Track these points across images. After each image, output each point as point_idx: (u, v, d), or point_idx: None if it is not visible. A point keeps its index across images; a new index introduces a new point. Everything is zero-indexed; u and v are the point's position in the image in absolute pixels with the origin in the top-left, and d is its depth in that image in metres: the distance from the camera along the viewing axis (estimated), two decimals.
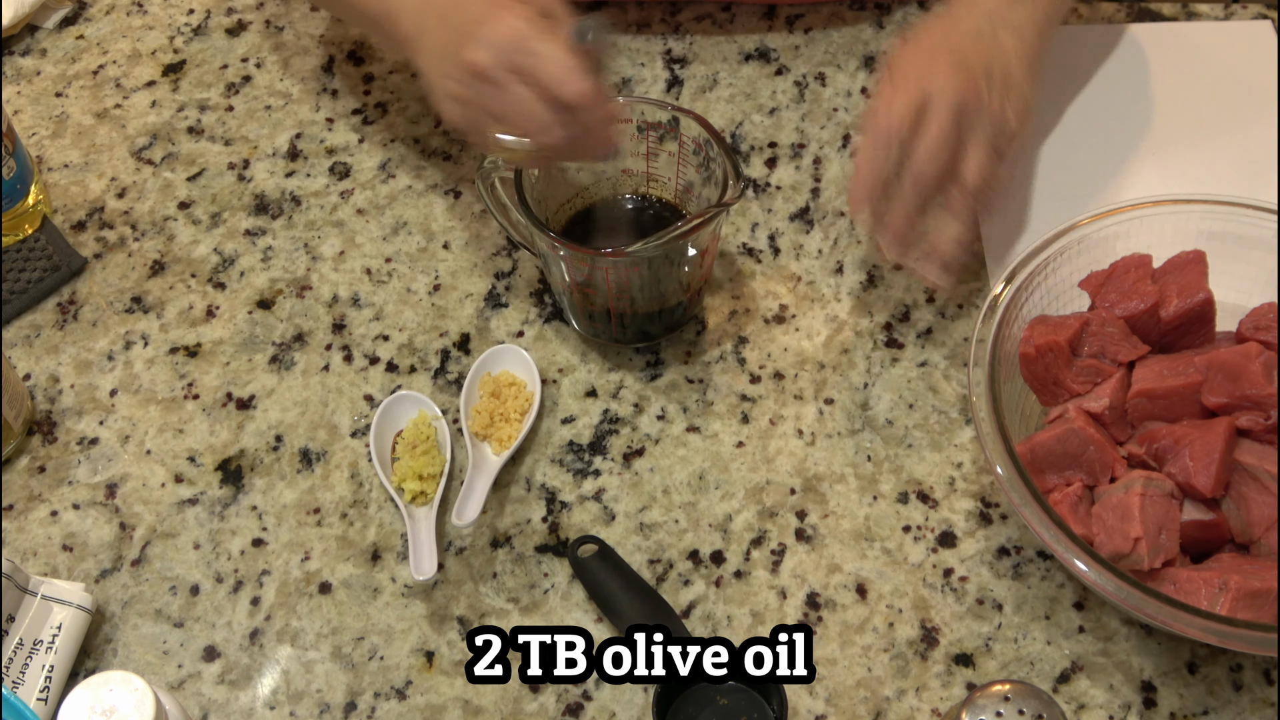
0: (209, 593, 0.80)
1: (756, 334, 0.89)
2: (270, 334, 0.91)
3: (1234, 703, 0.75)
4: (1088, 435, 0.74)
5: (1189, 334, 0.79)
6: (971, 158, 0.79)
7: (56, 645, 0.75)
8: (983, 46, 0.82)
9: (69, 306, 0.92)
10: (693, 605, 0.79)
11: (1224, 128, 0.98)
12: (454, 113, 0.79)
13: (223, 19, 1.09)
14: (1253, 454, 0.73)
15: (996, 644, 0.77)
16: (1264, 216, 0.82)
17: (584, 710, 0.75)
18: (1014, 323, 0.79)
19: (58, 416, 0.87)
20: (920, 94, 0.79)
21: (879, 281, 0.92)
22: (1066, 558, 0.70)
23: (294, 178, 0.99)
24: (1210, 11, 1.06)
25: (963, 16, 0.84)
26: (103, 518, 0.83)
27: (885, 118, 0.79)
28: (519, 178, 0.83)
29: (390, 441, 0.84)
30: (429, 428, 0.84)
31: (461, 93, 0.77)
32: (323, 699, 0.76)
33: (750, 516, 0.82)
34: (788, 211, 0.95)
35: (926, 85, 0.79)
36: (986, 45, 0.82)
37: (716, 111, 1.01)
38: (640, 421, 0.86)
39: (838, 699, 0.75)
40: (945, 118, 0.78)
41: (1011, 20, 0.84)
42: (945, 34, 0.83)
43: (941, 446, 0.84)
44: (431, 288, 0.92)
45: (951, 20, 0.84)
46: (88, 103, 1.04)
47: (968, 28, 0.83)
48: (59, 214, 0.97)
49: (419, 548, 0.78)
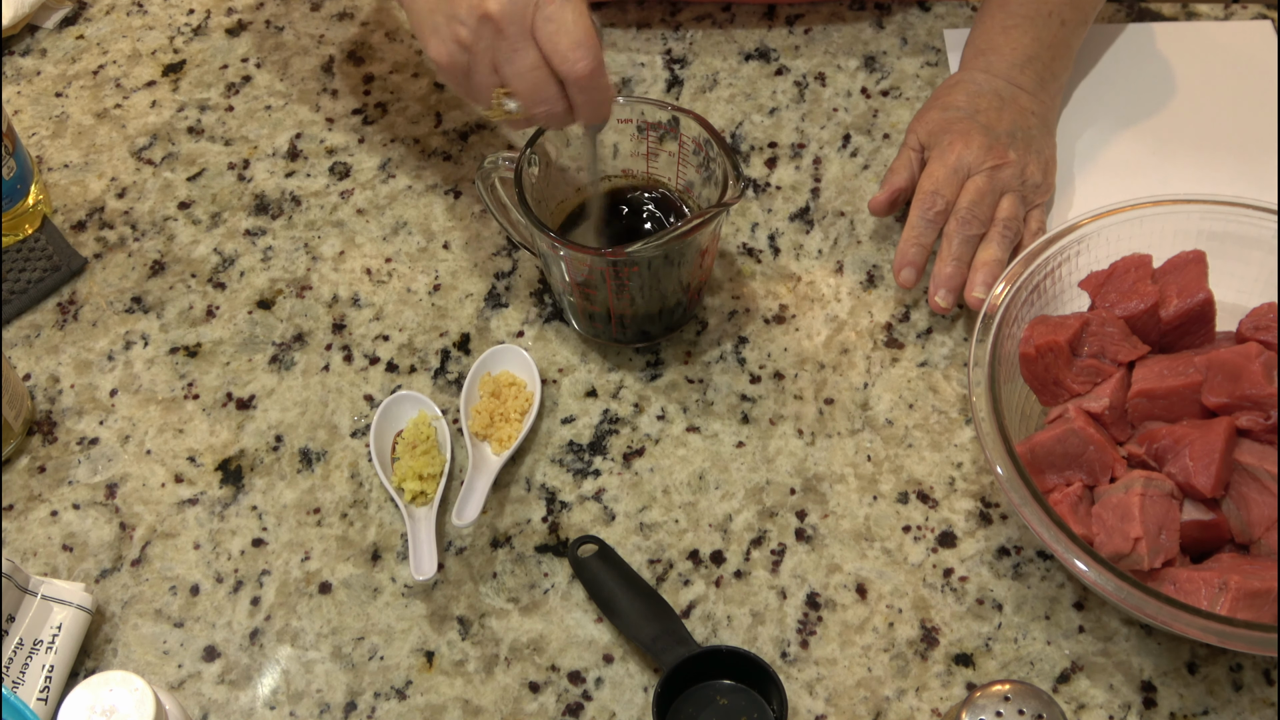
0: (209, 593, 0.80)
1: (756, 334, 0.89)
2: (270, 334, 0.91)
3: (1234, 703, 0.75)
4: (1088, 435, 0.74)
5: (1189, 334, 0.79)
6: (1005, 207, 0.88)
7: (56, 645, 0.75)
8: (1005, 112, 0.91)
9: (69, 306, 0.92)
10: (693, 605, 0.79)
11: (1224, 128, 0.98)
12: (447, 56, 0.76)
13: (223, 19, 1.09)
14: (1253, 454, 0.73)
15: (996, 644, 0.77)
16: (1264, 216, 0.82)
17: (584, 710, 0.75)
18: (1014, 323, 0.79)
19: (58, 416, 0.87)
20: (959, 163, 0.88)
21: (879, 281, 0.92)
22: (1066, 558, 0.70)
23: (294, 178, 0.99)
24: (1210, 11, 1.06)
25: (982, 82, 0.93)
26: (103, 518, 0.83)
27: (930, 180, 0.88)
28: (519, 178, 0.82)
29: (390, 441, 0.84)
30: (429, 428, 0.84)
31: (466, 38, 0.74)
32: (323, 699, 0.76)
33: (750, 516, 0.82)
34: (788, 211, 0.95)
35: (964, 156, 0.88)
36: (1008, 109, 0.91)
37: (716, 111, 1.01)
38: (640, 421, 0.86)
39: (838, 699, 0.75)
40: (983, 179, 0.88)
41: (1024, 83, 0.93)
42: (970, 99, 0.91)
43: (941, 446, 0.84)
44: (431, 288, 0.92)
45: (974, 87, 0.92)
46: (88, 103, 1.04)
47: (988, 90, 0.92)
48: (59, 214, 0.97)
49: (419, 548, 0.78)
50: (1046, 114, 0.94)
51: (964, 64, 0.95)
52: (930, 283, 0.87)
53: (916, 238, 0.87)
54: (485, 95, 0.77)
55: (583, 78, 0.73)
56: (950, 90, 0.93)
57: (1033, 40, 0.93)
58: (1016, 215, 0.88)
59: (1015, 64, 0.93)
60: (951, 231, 0.87)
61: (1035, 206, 0.90)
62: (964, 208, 0.87)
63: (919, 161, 0.91)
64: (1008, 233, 0.87)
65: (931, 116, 0.92)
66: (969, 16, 1.06)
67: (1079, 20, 0.95)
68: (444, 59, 0.77)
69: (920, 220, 0.88)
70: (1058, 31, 0.94)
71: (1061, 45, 0.95)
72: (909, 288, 0.88)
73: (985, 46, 0.94)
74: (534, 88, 0.74)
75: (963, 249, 0.87)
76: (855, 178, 0.97)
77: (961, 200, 0.87)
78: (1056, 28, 0.94)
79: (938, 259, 0.87)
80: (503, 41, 0.73)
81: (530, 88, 0.75)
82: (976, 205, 0.87)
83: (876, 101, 1.01)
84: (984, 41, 0.95)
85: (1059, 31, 0.94)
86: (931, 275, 0.87)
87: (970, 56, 0.95)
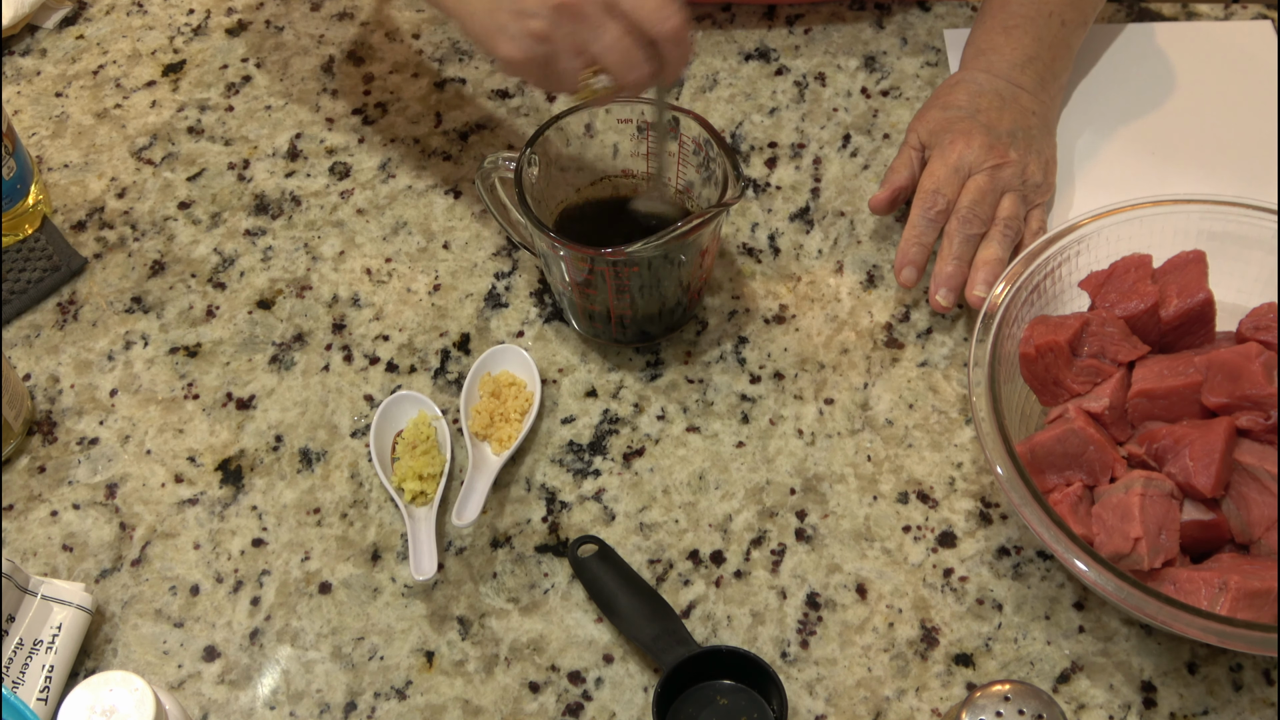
0: (209, 593, 0.80)
1: (756, 334, 0.89)
2: (270, 334, 0.91)
3: (1234, 703, 0.75)
4: (1088, 435, 0.74)
5: (1189, 334, 0.79)
6: (1006, 206, 0.88)
7: (56, 645, 0.75)
8: (1006, 111, 0.91)
9: (69, 306, 0.92)
10: (693, 605, 0.79)
11: (1224, 128, 0.98)
12: (523, 52, 0.76)
13: (223, 19, 1.09)
14: (1253, 454, 0.73)
15: (996, 644, 0.77)
16: (1264, 216, 0.82)
17: (584, 710, 0.75)
18: (1014, 323, 0.79)
19: (58, 416, 0.87)
20: (960, 162, 0.88)
21: (879, 281, 0.92)
22: (1066, 558, 0.70)
23: (294, 178, 0.99)
24: (1210, 11, 1.06)
25: (983, 81, 0.93)
26: (103, 518, 0.83)
27: (931, 179, 0.88)
28: (519, 178, 0.83)
29: (390, 441, 0.84)
30: (429, 428, 0.84)
31: (541, 29, 0.74)
32: (323, 699, 0.76)
33: (750, 516, 0.82)
34: (788, 211, 0.95)
35: (965, 155, 0.88)
36: (1009, 109, 0.91)
37: (716, 111, 1.01)
38: (640, 421, 0.86)
39: (838, 699, 0.75)
40: (984, 178, 0.88)
41: (1025, 83, 0.93)
42: (972, 99, 0.91)
43: (941, 446, 0.84)
44: (431, 288, 0.92)
45: (975, 87, 0.92)
46: (88, 103, 1.04)
47: (989, 90, 0.92)
48: (59, 214, 0.97)
49: (419, 548, 0.78)
50: (1047, 114, 0.94)
51: (964, 64, 0.95)
52: (931, 281, 0.87)
53: (918, 236, 0.87)
54: (571, 80, 0.77)
55: (676, 31, 0.74)
56: (951, 90, 0.93)
57: (1033, 40, 0.93)
58: (1017, 215, 0.88)
59: (1016, 64, 0.93)
60: (952, 230, 0.87)
61: (1036, 206, 0.90)
62: (965, 207, 0.87)
63: (919, 160, 0.91)
64: (1009, 232, 0.87)
65: (932, 115, 0.92)
66: (969, 16, 1.06)
67: (1079, 21, 0.95)
68: (519, 55, 0.76)
69: (921, 219, 0.88)
70: (1058, 32, 0.94)
71: (1062, 45, 0.95)
72: (910, 287, 0.88)
73: (986, 46, 0.94)
74: (625, 57, 0.74)
75: (964, 248, 0.87)
76: (855, 178, 0.97)
77: (963, 199, 0.87)
78: (1057, 28, 0.94)
79: (939, 258, 0.87)
80: (584, 24, 0.74)
81: (621, 58, 0.74)
82: (978, 204, 0.87)
83: (876, 101, 1.01)
84: (985, 41, 0.95)
85: (1059, 32, 0.94)
86: (932, 274, 0.87)
87: (971, 56, 0.95)
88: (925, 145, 0.91)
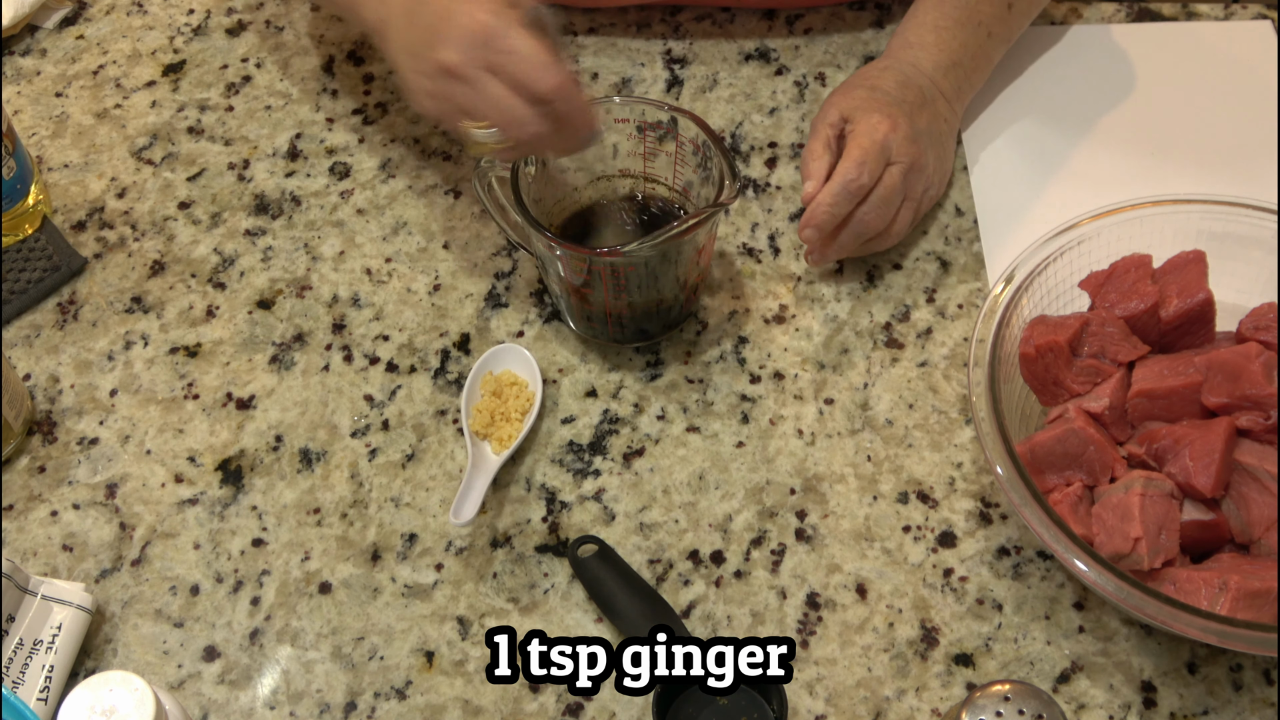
0: (209, 593, 0.80)
1: (756, 334, 0.89)
2: (270, 334, 0.91)
3: (1234, 703, 0.75)
4: (1088, 435, 0.74)
5: (1189, 334, 0.79)
6: (901, 218, 0.89)
7: (56, 645, 0.75)
8: (925, 111, 0.91)
9: (69, 306, 0.92)
10: (693, 605, 0.79)
11: (1224, 128, 0.98)
12: (428, 107, 0.79)
13: (223, 19, 1.09)
14: (1253, 454, 0.73)
15: (996, 644, 0.77)
16: (1264, 216, 0.82)
17: (584, 710, 0.75)
18: (1014, 323, 0.79)
19: (58, 416, 0.87)
20: (886, 141, 0.87)
21: (879, 281, 0.92)
22: (1066, 558, 0.70)
23: (294, 178, 0.99)
24: (1210, 11, 1.06)
25: (910, 74, 0.92)
26: (103, 518, 0.83)
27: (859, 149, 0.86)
28: (514, 178, 0.82)
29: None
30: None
31: (435, 89, 0.77)
32: (323, 699, 0.76)
33: (750, 516, 0.82)
34: (787, 211, 0.95)
35: (890, 138, 0.87)
36: (928, 110, 0.91)
37: (716, 112, 1.01)
38: (640, 421, 0.86)
39: (838, 699, 0.75)
40: (898, 175, 0.87)
41: (945, 88, 0.93)
42: (899, 88, 0.91)
43: (941, 446, 0.84)
44: (431, 288, 0.92)
45: (903, 78, 0.92)
46: (88, 103, 1.04)
47: (914, 85, 0.91)
48: (59, 214, 0.97)
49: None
50: (955, 124, 0.94)
51: (891, 52, 0.95)
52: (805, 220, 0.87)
53: (832, 205, 0.86)
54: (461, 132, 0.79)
55: (557, 87, 0.74)
56: (881, 74, 0.92)
57: (960, 46, 0.93)
58: (905, 232, 0.90)
59: (941, 66, 0.93)
60: (853, 229, 0.87)
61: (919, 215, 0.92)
62: (874, 203, 0.87)
63: (837, 141, 0.89)
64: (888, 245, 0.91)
65: (858, 95, 0.90)
66: None
67: (1004, 36, 0.96)
68: (429, 112, 0.80)
69: (843, 190, 0.85)
70: (984, 43, 0.95)
71: (984, 57, 0.95)
72: (812, 248, 0.88)
73: (915, 41, 0.94)
74: (510, 115, 0.76)
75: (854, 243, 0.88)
76: None
77: (877, 191, 0.87)
78: (984, 39, 0.94)
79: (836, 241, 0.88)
80: (465, 85, 0.76)
81: (505, 116, 0.76)
82: (884, 205, 0.87)
83: None
84: (915, 36, 0.94)
85: (985, 43, 0.95)
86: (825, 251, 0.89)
87: (899, 47, 0.95)
88: (846, 120, 0.90)
